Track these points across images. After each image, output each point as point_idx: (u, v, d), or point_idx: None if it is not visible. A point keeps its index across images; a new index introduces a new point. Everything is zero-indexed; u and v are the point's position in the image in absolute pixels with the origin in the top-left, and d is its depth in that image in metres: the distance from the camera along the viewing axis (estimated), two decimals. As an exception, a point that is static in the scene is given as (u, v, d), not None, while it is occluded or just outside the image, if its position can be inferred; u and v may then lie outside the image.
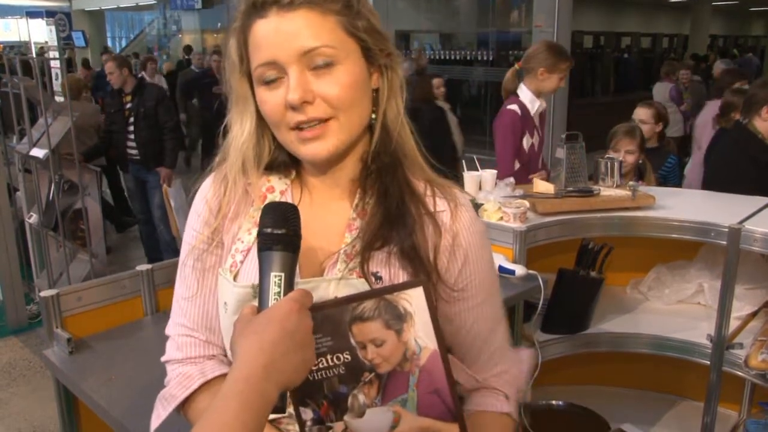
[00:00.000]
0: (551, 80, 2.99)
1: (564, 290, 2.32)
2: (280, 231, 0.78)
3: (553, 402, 2.53)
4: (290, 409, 0.92)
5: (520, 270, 2.10)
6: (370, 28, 0.88)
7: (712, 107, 4.36)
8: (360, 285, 0.89)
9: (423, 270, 0.90)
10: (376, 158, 0.92)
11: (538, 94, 3.02)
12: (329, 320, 0.80)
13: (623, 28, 18.65)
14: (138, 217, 5.31)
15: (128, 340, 1.70)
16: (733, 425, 2.41)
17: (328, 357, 0.81)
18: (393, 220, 0.90)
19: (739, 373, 2.17)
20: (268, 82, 0.85)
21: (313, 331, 0.78)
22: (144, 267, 1.83)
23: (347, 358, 0.81)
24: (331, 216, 0.94)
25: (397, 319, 0.81)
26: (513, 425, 1.02)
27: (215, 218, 0.96)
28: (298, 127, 0.85)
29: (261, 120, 0.91)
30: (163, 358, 1.00)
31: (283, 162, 0.95)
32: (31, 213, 4.40)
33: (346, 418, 0.84)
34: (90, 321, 1.71)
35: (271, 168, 0.95)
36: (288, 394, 0.74)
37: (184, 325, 0.98)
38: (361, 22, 0.87)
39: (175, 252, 4.83)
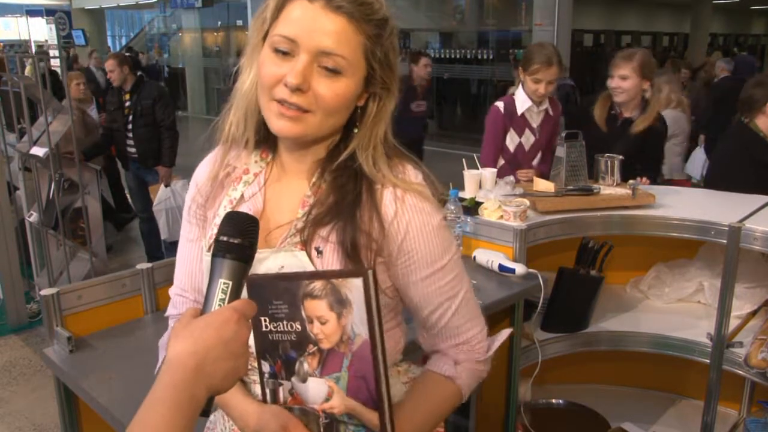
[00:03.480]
0: (527, 82, 2.94)
1: (564, 289, 2.33)
2: (236, 241, 0.80)
3: (553, 401, 2.53)
4: (253, 362, 0.99)
5: (520, 268, 2.10)
6: (384, 60, 0.96)
7: None
8: (301, 257, 0.97)
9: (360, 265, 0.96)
10: (341, 166, 0.99)
11: (531, 95, 2.98)
12: (288, 292, 0.89)
13: (623, 26, 18.65)
14: (139, 215, 5.30)
15: (128, 338, 1.70)
16: (733, 424, 2.42)
17: (284, 323, 0.91)
18: (341, 207, 0.97)
19: (739, 372, 2.17)
20: (278, 51, 0.91)
21: (275, 298, 0.88)
22: (144, 265, 1.83)
23: (298, 328, 0.91)
24: (292, 193, 1.02)
25: (339, 303, 0.87)
26: (453, 390, 1.06)
27: (202, 196, 1.08)
28: (280, 101, 0.92)
29: None
30: (165, 314, 1.16)
31: (266, 137, 1.03)
32: (31, 211, 4.40)
33: (292, 379, 0.94)
34: (90, 319, 1.72)
35: (256, 140, 1.03)
36: (215, 398, 0.76)
37: (178, 286, 1.14)
38: (380, 52, 0.95)
39: (176, 251, 4.83)
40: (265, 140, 1.03)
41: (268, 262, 0.98)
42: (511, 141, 3.04)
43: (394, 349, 1.09)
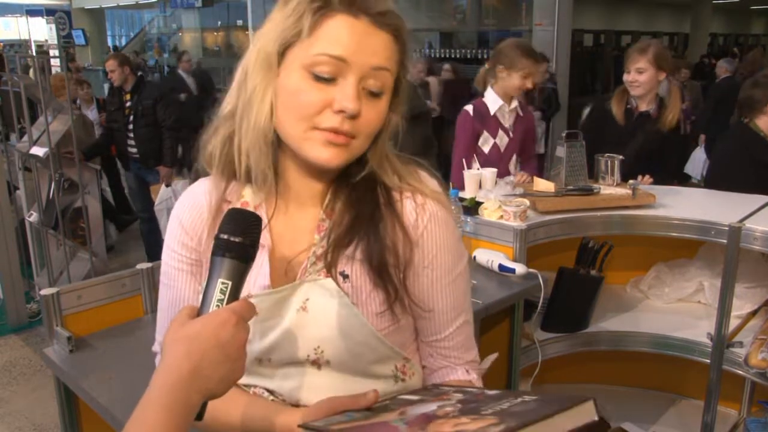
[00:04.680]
0: (511, 78, 2.88)
1: (564, 289, 2.33)
2: (237, 239, 0.77)
3: (553, 400, 2.53)
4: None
5: (520, 268, 2.10)
6: (405, 70, 0.91)
7: None
8: (327, 284, 0.89)
9: (390, 284, 0.91)
10: (353, 178, 0.93)
11: (503, 94, 2.94)
12: None
13: (623, 26, 18.64)
14: (139, 215, 5.31)
15: (128, 338, 1.69)
16: (733, 424, 2.41)
17: None
18: (362, 222, 0.91)
19: (740, 372, 2.17)
20: (320, 78, 0.83)
21: None
22: (144, 265, 1.83)
23: None
24: (303, 222, 0.95)
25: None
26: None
27: (191, 239, 0.96)
28: (330, 130, 0.84)
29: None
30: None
31: (265, 170, 0.91)
32: (32, 211, 4.40)
33: None
34: (90, 319, 1.71)
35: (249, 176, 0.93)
36: (207, 402, 0.73)
37: None
38: (406, 61, 0.90)
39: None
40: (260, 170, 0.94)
41: (293, 297, 0.90)
42: (486, 143, 2.99)
43: (420, 372, 1.02)
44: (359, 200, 0.92)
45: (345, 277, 0.90)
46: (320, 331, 0.90)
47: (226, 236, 0.77)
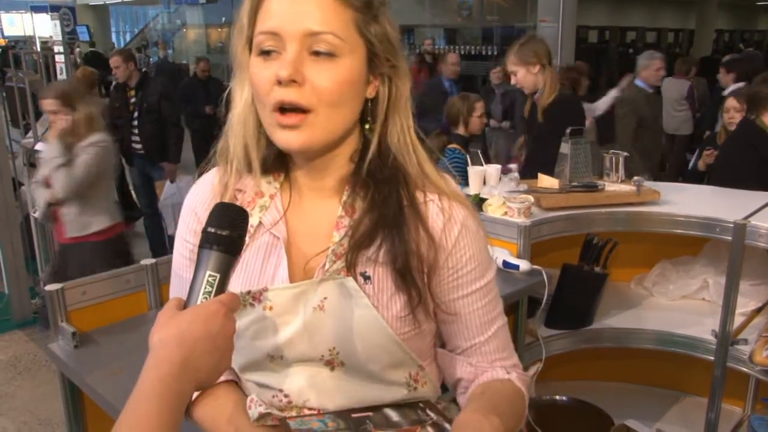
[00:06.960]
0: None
1: (568, 285, 2.32)
2: (224, 232, 0.78)
3: (557, 397, 2.52)
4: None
5: (524, 265, 2.10)
6: (383, 36, 0.87)
7: None
8: (348, 284, 0.87)
9: (414, 288, 0.89)
10: (372, 172, 0.90)
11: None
12: None
13: (628, 22, 18.58)
14: (143, 210, 5.32)
15: (133, 334, 1.70)
16: (737, 421, 2.41)
17: None
18: (385, 224, 0.88)
19: (744, 369, 2.16)
20: (264, 52, 0.83)
21: None
22: (148, 261, 1.84)
23: None
24: (319, 216, 0.92)
25: None
26: (514, 388, 0.96)
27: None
28: (280, 109, 0.82)
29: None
30: None
31: (274, 161, 0.93)
32: (36, 207, 4.40)
33: None
34: (95, 315, 1.72)
35: (263, 168, 0.93)
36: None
37: None
38: (376, 27, 0.86)
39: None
40: (276, 163, 0.93)
41: (309, 294, 0.88)
42: None
43: (439, 379, 1.00)
44: (382, 200, 0.89)
45: (366, 278, 0.88)
46: (337, 331, 0.87)
47: (213, 230, 0.78)
